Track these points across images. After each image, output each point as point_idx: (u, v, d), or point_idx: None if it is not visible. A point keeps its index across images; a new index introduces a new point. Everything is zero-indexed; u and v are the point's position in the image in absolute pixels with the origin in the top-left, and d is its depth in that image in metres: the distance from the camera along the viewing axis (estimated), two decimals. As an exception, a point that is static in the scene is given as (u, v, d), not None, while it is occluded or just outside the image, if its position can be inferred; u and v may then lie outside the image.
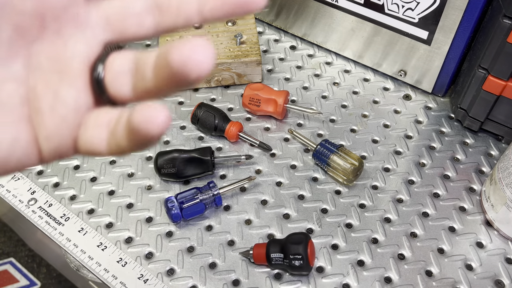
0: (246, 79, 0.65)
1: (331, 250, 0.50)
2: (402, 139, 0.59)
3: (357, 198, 0.54)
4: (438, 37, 0.56)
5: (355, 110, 0.63)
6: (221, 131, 0.58)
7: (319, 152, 0.54)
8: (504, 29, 0.48)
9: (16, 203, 0.54)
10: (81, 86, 0.24)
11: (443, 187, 0.55)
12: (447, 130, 0.60)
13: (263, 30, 0.73)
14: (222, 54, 0.63)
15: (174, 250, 0.50)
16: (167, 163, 0.54)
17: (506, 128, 0.56)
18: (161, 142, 0.60)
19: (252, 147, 0.59)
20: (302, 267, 0.45)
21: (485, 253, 0.49)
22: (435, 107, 0.63)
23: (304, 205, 0.53)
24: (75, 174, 0.57)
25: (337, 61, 0.69)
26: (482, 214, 0.52)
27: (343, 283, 0.47)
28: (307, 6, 0.66)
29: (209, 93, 0.65)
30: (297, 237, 0.46)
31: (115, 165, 0.58)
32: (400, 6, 0.57)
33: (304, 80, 0.66)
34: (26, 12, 0.23)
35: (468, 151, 0.58)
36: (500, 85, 0.52)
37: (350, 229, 0.51)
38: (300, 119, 0.62)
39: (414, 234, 0.51)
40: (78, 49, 0.24)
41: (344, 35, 0.65)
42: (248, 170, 0.57)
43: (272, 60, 0.69)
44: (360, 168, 0.54)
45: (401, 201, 0.54)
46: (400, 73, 0.64)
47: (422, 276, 0.48)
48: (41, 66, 0.24)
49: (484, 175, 0.56)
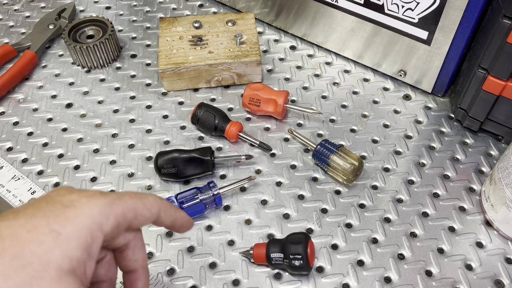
0: (246, 79, 0.65)
1: (331, 250, 0.50)
2: (402, 139, 0.59)
3: (357, 198, 0.54)
4: (438, 37, 0.56)
5: (355, 110, 0.63)
6: (221, 131, 0.58)
7: (319, 152, 0.55)
8: (504, 29, 0.48)
9: (16, 203, 0.54)
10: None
11: (443, 187, 0.55)
12: (447, 130, 0.60)
13: (263, 30, 0.73)
14: (222, 54, 0.63)
15: (174, 250, 0.50)
16: (167, 163, 0.54)
17: (506, 128, 0.56)
18: (161, 142, 0.60)
19: (252, 147, 0.59)
20: (302, 267, 0.46)
21: (485, 253, 0.49)
22: (435, 107, 0.63)
23: (304, 205, 0.53)
24: (75, 174, 0.57)
25: (337, 61, 0.69)
26: (482, 214, 0.52)
27: (343, 283, 0.47)
28: (307, 6, 0.66)
29: (209, 93, 0.65)
30: (297, 237, 0.46)
31: (115, 165, 0.58)
32: (400, 6, 0.57)
33: (304, 80, 0.66)
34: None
35: (468, 151, 0.58)
36: (500, 85, 0.52)
37: (350, 229, 0.51)
38: (300, 119, 0.62)
39: (414, 234, 0.51)
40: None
41: (344, 35, 0.65)
42: (248, 170, 0.57)
43: (272, 60, 0.69)
44: (360, 168, 0.54)
45: (401, 201, 0.54)
46: (400, 73, 0.64)
47: (422, 276, 0.48)
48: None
49: (484, 175, 0.56)
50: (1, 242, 0.28)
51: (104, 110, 0.64)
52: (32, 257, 0.28)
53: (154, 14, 0.77)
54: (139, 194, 0.36)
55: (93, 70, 0.69)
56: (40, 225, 0.29)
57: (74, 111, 0.64)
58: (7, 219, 0.30)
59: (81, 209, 0.31)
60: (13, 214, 0.30)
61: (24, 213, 0.30)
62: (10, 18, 0.77)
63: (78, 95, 0.65)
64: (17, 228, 0.29)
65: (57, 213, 0.30)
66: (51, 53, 0.71)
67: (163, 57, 0.63)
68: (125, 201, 0.33)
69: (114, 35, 0.68)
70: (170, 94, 0.65)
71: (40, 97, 0.65)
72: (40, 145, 0.60)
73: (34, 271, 0.28)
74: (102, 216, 0.31)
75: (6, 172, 0.57)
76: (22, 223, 0.29)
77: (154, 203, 0.36)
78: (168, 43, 0.64)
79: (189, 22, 0.67)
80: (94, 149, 0.59)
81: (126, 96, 0.65)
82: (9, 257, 0.28)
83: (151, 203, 0.36)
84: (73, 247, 0.29)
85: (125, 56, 0.70)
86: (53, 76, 0.68)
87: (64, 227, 0.30)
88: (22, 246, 0.29)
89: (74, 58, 0.68)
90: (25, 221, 0.29)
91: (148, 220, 0.36)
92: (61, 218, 0.30)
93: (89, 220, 0.31)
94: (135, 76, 0.68)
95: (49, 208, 0.31)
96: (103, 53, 0.67)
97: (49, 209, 0.31)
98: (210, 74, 0.64)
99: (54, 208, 0.31)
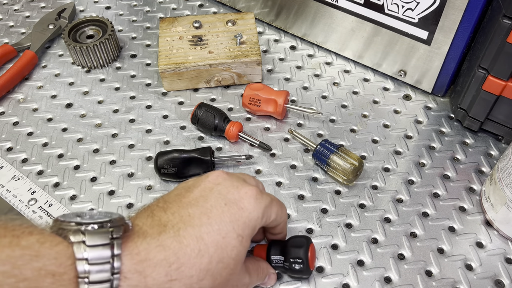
0: (246, 79, 0.65)
1: (331, 250, 0.50)
2: (402, 139, 0.59)
3: (357, 198, 0.54)
4: (438, 37, 0.56)
5: (355, 110, 0.63)
6: (221, 131, 0.58)
7: (319, 152, 0.55)
8: (504, 29, 0.48)
9: (16, 203, 0.54)
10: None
11: (443, 187, 0.55)
12: (447, 130, 0.60)
13: (263, 30, 0.73)
14: (222, 54, 0.63)
15: (174, 250, 0.50)
16: (167, 163, 0.54)
17: (506, 128, 0.56)
18: (161, 142, 0.60)
19: (252, 147, 0.59)
20: (302, 270, 0.45)
21: (485, 253, 0.49)
22: (435, 107, 0.63)
23: (304, 205, 0.53)
24: (75, 174, 0.57)
25: (337, 61, 0.69)
26: (482, 214, 0.52)
27: (343, 283, 0.47)
28: (307, 6, 0.66)
29: (209, 93, 0.65)
30: (298, 241, 0.46)
31: (115, 165, 0.58)
32: (400, 6, 0.57)
33: (304, 80, 0.66)
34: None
35: (468, 151, 0.58)
36: (500, 85, 0.52)
37: (350, 229, 0.51)
38: (300, 119, 0.62)
39: (414, 234, 0.51)
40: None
41: (344, 35, 0.65)
42: (248, 170, 0.57)
43: (272, 60, 0.69)
44: (360, 168, 0.54)
45: (401, 201, 0.54)
46: (400, 73, 0.64)
47: (422, 276, 0.48)
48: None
49: (484, 175, 0.56)
50: (207, 248, 0.36)
51: (104, 110, 0.64)
52: (229, 260, 0.37)
53: (154, 14, 0.77)
54: (281, 203, 0.44)
55: (93, 70, 0.69)
56: (229, 231, 0.37)
57: (74, 111, 0.64)
58: (202, 223, 0.37)
59: (252, 213, 0.39)
60: (203, 216, 0.37)
61: (210, 214, 0.37)
62: (10, 18, 0.77)
63: (78, 95, 0.65)
64: (215, 235, 0.36)
65: (237, 217, 0.38)
66: (51, 53, 0.71)
67: (163, 57, 0.63)
68: (274, 207, 0.42)
69: (114, 35, 0.68)
70: (170, 94, 0.65)
71: (40, 97, 0.65)
72: (40, 145, 0.60)
73: (231, 270, 0.37)
74: (263, 218, 0.40)
75: (6, 172, 0.57)
76: (216, 230, 0.37)
77: (284, 214, 0.44)
78: (168, 43, 0.64)
79: (189, 22, 0.67)
80: (94, 149, 0.59)
81: (126, 96, 0.65)
82: (216, 262, 0.36)
83: (284, 213, 0.44)
84: (249, 244, 0.39)
85: (125, 56, 0.70)
86: (53, 76, 0.68)
87: (244, 230, 0.38)
88: (223, 252, 0.36)
89: (74, 58, 0.68)
90: (218, 228, 0.37)
91: (279, 225, 0.44)
92: (241, 222, 0.38)
93: (256, 222, 0.39)
94: (135, 76, 0.68)
95: (230, 211, 0.38)
96: (103, 53, 0.67)
97: (230, 212, 0.38)
98: (210, 74, 0.64)
99: (234, 211, 0.38)
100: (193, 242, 0.35)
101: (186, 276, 0.34)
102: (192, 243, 0.35)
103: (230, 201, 0.39)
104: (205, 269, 0.35)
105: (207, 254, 0.36)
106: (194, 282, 0.35)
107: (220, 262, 0.36)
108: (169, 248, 0.35)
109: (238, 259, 0.38)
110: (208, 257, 0.36)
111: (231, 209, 0.38)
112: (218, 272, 0.36)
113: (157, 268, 0.33)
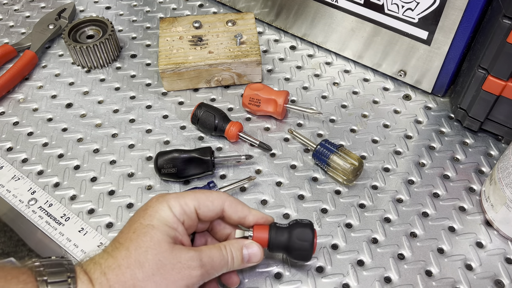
0: (246, 79, 0.65)
1: (331, 250, 0.50)
2: (402, 139, 0.59)
3: (357, 198, 0.54)
4: (438, 37, 0.56)
5: (355, 110, 0.63)
6: (221, 131, 0.58)
7: (319, 152, 0.55)
8: (504, 29, 0.48)
9: (16, 203, 0.54)
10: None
11: (443, 187, 0.55)
12: (447, 130, 0.60)
13: (263, 30, 0.73)
14: (222, 54, 0.63)
15: (174, 250, 0.50)
16: (167, 163, 0.54)
17: (506, 128, 0.56)
18: (161, 142, 0.60)
19: (252, 147, 0.59)
20: (306, 250, 0.44)
21: (485, 253, 0.49)
22: (435, 107, 0.63)
23: (304, 205, 0.53)
24: (75, 174, 0.57)
25: (337, 61, 0.69)
26: (482, 214, 0.52)
27: (343, 283, 0.47)
28: (307, 6, 0.66)
29: (209, 93, 0.65)
30: (304, 223, 0.45)
31: (115, 165, 0.58)
32: (400, 6, 0.57)
33: (304, 80, 0.66)
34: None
35: (468, 151, 0.58)
36: (500, 85, 0.52)
37: (350, 229, 0.51)
38: (300, 119, 0.62)
39: (414, 234, 0.51)
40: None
41: (344, 35, 0.65)
42: (248, 170, 0.57)
43: (272, 60, 0.69)
44: (360, 168, 0.54)
45: (401, 201, 0.54)
46: (400, 73, 0.64)
47: (422, 276, 0.48)
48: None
49: (484, 175, 0.56)
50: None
51: (104, 110, 0.64)
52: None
53: (154, 14, 0.77)
54: (204, 190, 0.43)
55: (93, 70, 0.69)
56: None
57: (74, 111, 0.64)
58: (123, 248, 0.38)
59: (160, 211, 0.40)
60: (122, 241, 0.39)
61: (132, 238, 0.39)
62: (10, 18, 0.77)
63: (78, 95, 0.65)
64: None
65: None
66: (51, 53, 0.71)
67: (163, 57, 0.63)
68: (187, 194, 0.41)
69: (114, 35, 0.68)
70: (170, 94, 0.65)
71: (40, 97, 0.65)
72: (40, 145, 0.60)
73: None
74: (175, 207, 0.40)
75: (6, 172, 0.57)
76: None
77: (217, 197, 0.42)
78: (168, 43, 0.64)
79: (189, 22, 0.67)
80: (94, 149, 0.59)
81: (126, 96, 0.65)
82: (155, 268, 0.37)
83: (213, 197, 0.42)
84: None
85: (125, 56, 0.70)
86: (53, 76, 0.68)
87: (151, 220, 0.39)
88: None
89: (74, 58, 0.68)
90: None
91: (212, 212, 0.42)
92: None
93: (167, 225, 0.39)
94: (135, 76, 0.68)
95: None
96: (103, 53, 0.67)
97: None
98: (210, 74, 0.64)
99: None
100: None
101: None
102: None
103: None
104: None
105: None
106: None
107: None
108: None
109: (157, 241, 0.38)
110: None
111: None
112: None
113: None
